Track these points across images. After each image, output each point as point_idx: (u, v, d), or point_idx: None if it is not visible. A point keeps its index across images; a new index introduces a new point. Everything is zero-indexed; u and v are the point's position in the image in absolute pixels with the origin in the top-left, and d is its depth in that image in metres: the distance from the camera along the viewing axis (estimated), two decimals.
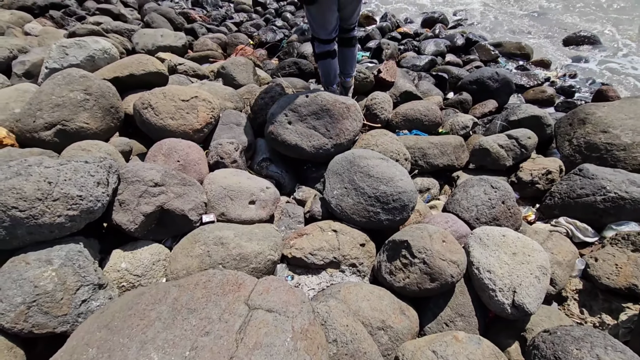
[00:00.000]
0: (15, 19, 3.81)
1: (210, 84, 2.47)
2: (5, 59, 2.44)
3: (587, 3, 5.77)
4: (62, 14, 4.37)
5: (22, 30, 3.55)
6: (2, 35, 3.13)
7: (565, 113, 3.04)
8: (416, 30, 4.86)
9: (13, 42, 2.78)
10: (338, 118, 1.97)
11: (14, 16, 3.87)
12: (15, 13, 3.96)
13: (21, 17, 3.92)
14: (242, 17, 5.08)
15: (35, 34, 3.41)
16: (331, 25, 2.12)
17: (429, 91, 3.19)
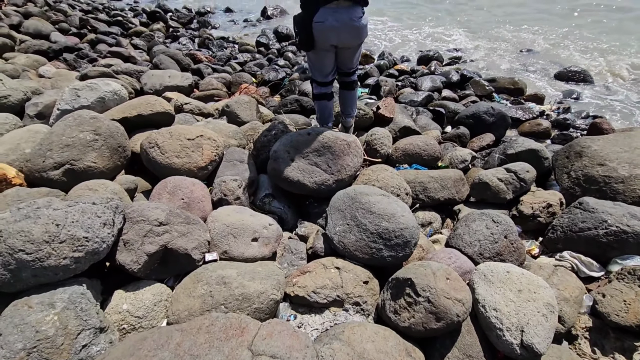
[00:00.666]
0: (30, 62, 4.01)
1: (215, 122, 2.56)
2: (20, 101, 2.55)
3: (576, 40, 6.05)
4: (75, 56, 4.60)
5: (37, 73, 3.73)
6: (18, 78, 3.28)
7: (561, 145, 3.11)
8: (412, 68, 5.06)
9: (27, 85, 2.91)
10: (339, 154, 2.02)
11: (30, 59, 4.08)
12: (31, 57, 4.18)
13: (36, 60, 4.13)
14: (246, 57, 5.32)
15: (49, 76, 3.57)
16: (328, 69, 2.24)
17: (427, 126, 3.28)
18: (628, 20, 6.71)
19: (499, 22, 7.27)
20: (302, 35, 2.00)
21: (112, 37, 5.66)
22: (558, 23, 6.96)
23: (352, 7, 1.91)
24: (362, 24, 1.98)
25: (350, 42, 2.08)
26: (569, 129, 3.56)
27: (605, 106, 3.97)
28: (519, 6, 8.04)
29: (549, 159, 2.47)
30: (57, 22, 5.98)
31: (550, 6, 8.06)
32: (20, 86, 2.72)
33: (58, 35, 5.38)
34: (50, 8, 6.98)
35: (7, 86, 2.54)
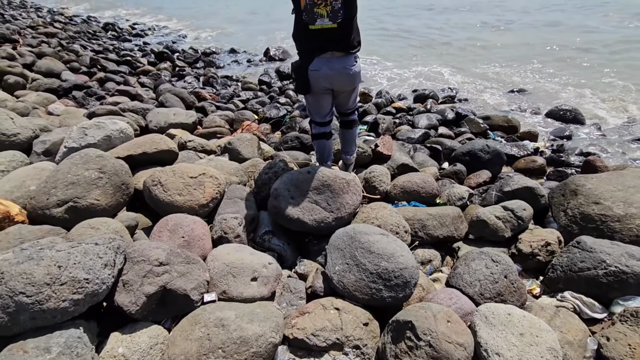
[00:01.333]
0: (40, 100, 4.16)
1: (217, 159, 2.62)
2: (28, 139, 2.62)
3: (564, 79, 6.32)
4: (84, 94, 4.78)
5: (46, 110, 3.86)
6: (28, 116, 3.39)
7: (557, 182, 3.17)
8: (409, 106, 5.25)
9: (37, 122, 3.01)
10: (339, 193, 2.06)
11: (40, 97, 4.23)
12: (41, 94, 4.34)
13: (46, 98, 4.29)
14: (249, 95, 5.53)
15: (58, 113, 3.70)
16: (325, 110, 2.34)
17: (425, 162, 3.35)
18: (617, 60, 7.06)
19: (486, 61, 7.70)
20: (299, 81, 2.13)
21: (121, 76, 5.91)
22: (544, 62, 7.35)
23: (345, 56, 2.04)
24: (355, 71, 2.11)
25: (344, 87, 2.20)
26: (564, 165, 3.63)
27: (597, 144, 4.07)
28: (504, 47, 8.52)
29: (545, 197, 2.51)
30: (69, 62, 6.27)
31: (534, 45, 8.54)
32: (30, 124, 2.81)
33: (69, 74, 5.62)
34: (63, 48, 7.34)
35: (17, 124, 2.62)
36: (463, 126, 4.44)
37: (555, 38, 8.71)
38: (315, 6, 1.86)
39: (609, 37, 8.68)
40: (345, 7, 1.87)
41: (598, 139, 4.25)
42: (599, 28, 9.48)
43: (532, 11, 11.61)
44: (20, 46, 6.86)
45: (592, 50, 7.89)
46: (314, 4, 1.85)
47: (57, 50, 6.96)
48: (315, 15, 1.88)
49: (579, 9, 11.86)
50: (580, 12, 11.43)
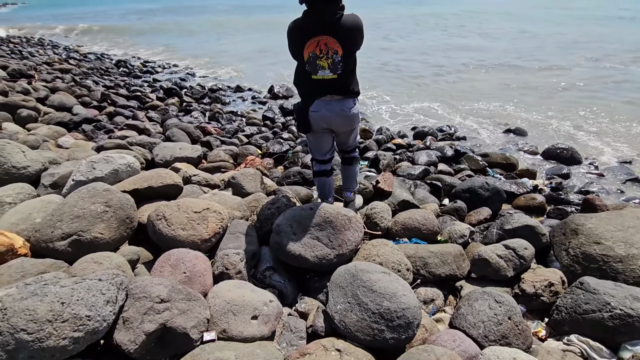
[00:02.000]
0: (51, 133, 4.29)
1: (221, 194, 2.66)
2: (37, 172, 2.68)
3: (559, 118, 6.52)
4: (93, 127, 4.93)
5: (56, 143, 3.97)
6: (38, 149, 3.49)
7: (558, 220, 3.18)
8: (409, 142, 5.37)
9: (46, 155, 3.09)
10: (340, 229, 2.08)
11: (51, 130, 4.37)
12: (52, 127, 4.48)
13: (57, 131, 4.42)
14: (253, 130, 5.68)
15: (67, 146, 3.80)
16: (326, 149, 2.43)
17: (425, 199, 3.39)
18: (612, 99, 7.33)
19: (480, 98, 8.02)
20: (300, 121, 2.24)
21: (130, 110, 6.11)
22: (538, 100, 7.67)
23: (343, 99, 2.15)
24: (353, 113, 2.21)
25: (342, 128, 2.30)
26: (563, 204, 3.65)
27: (595, 182, 4.13)
28: (498, 86, 8.92)
29: (546, 235, 2.52)
30: (81, 96, 6.51)
31: (529, 82, 8.93)
32: (40, 157, 2.89)
33: (80, 108, 5.82)
34: (76, 84, 7.65)
35: (28, 157, 2.70)
36: (462, 163, 4.52)
37: (540, 78, 9.13)
38: (317, 59, 1.99)
39: (587, 76, 9.20)
40: (345, 61, 2.01)
41: (595, 177, 4.31)
42: (574, 69, 10.12)
43: (524, 54, 12.22)
44: (36, 81, 7.16)
45: (572, 88, 8.34)
46: (317, 57, 1.99)
47: (71, 85, 7.26)
48: (317, 67, 2.02)
49: (554, 50, 12.59)
50: (556, 53, 12.16)
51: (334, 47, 1.96)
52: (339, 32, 1.95)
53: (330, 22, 1.93)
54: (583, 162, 4.68)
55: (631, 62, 10.46)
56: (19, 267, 1.67)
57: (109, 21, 26.74)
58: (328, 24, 1.94)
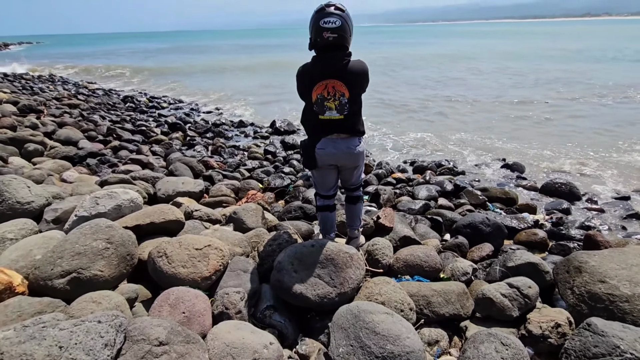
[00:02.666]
0: (56, 167, 4.36)
1: (222, 229, 2.67)
2: (41, 207, 2.70)
3: (555, 151, 6.64)
4: (97, 161, 5.01)
5: (60, 177, 4.02)
6: (42, 183, 3.53)
7: (561, 256, 3.15)
8: (408, 176, 5.44)
9: (50, 190, 3.12)
10: (342, 267, 2.06)
11: (56, 164, 4.44)
12: (57, 162, 4.56)
13: (62, 165, 4.50)
14: (255, 164, 5.77)
15: (71, 180, 3.85)
16: (330, 185, 2.47)
17: (426, 234, 3.38)
18: (607, 133, 7.52)
19: (475, 130, 8.26)
20: (306, 158, 2.29)
21: (134, 145, 6.24)
22: (533, 132, 7.90)
23: (349, 138, 2.23)
24: (359, 151, 2.27)
25: (347, 165, 2.35)
26: (565, 239, 3.64)
27: (595, 217, 4.13)
28: (487, 119, 9.21)
29: (549, 273, 2.49)
30: (87, 131, 6.68)
31: (525, 114, 9.22)
32: (44, 192, 2.92)
33: (86, 142, 5.96)
34: (83, 118, 7.87)
35: (32, 193, 2.73)
36: (462, 197, 4.55)
37: (531, 111, 9.43)
38: (325, 100, 2.09)
39: (565, 111, 9.64)
40: (351, 103, 2.11)
41: (595, 213, 4.32)
42: (551, 102, 10.69)
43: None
44: (44, 116, 7.38)
45: (550, 121, 8.69)
46: (324, 99, 2.09)
47: (78, 120, 7.46)
48: (325, 108, 2.11)
49: (533, 86, 13.16)
50: (533, 89, 12.73)
51: (341, 90, 2.06)
52: (346, 76, 2.05)
53: (338, 67, 2.05)
54: (582, 197, 4.71)
55: (608, 97, 10.98)
56: (16, 307, 1.65)
57: (118, 60, 27.89)
58: (336, 69, 2.05)
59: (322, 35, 1.97)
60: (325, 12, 1.95)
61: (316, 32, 1.99)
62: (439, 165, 5.97)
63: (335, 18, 1.94)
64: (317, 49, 2.07)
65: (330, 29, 1.95)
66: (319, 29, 1.97)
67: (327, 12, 1.95)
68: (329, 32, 1.95)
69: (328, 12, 1.95)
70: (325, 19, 1.94)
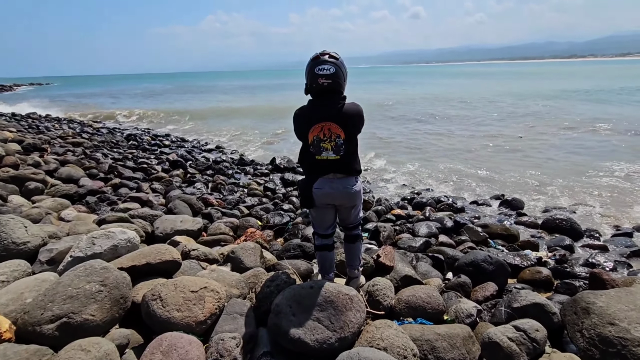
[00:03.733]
0: (55, 205, 4.35)
1: (219, 270, 2.61)
2: (36, 247, 2.67)
3: (551, 185, 6.68)
4: (97, 199, 5.01)
5: (58, 216, 4.00)
6: (40, 222, 3.51)
7: (567, 296, 3.06)
8: (408, 213, 5.41)
9: (47, 229, 3.10)
10: (342, 310, 2.00)
11: (55, 203, 4.44)
12: (57, 200, 4.56)
13: (61, 203, 4.49)
14: (254, 201, 5.77)
15: (69, 219, 3.83)
16: (328, 223, 2.46)
17: (428, 273, 3.30)
18: (585, 170, 7.61)
19: (470, 166, 8.42)
20: (304, 197, 2.31)
21: (135, 182, 6.28)
22: (526, 167, 8.03)
23: (346, 177, 2.26)
24: (356, 190, 2.29)
25: (345, 204, 2.37)
26: (570, 277, 3.55)
27: (599, 254, 4.06)
28: (483, 153, 9.41)
29: (557, 314, 2.41)
30: (89, 169, 6.75)
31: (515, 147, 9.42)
32: (41, 231, 2.90)
33: (86, 180, 5.99)
34: (86, 156, 7.99)
35: (29, 233, 2.71)
36: (463, 234, 4.50)
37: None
38: (321, 142, 2.15)
39: (546, 143, 10.07)
40: (347, 144, 2.17)
41: (598, 250, 4.25)
42: (526, 136, 11.25)
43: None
44: (48, 154, 7.49)
45: (540, 155, 8.92)
46: (321, 140, 2.15)
47: (81, 158, 7.57)
48: (321, 149, 2.16)
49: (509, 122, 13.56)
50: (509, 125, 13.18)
51: (337, 131, 2.12)
52: (342, 118, 2.12)
53: (333, 110, 2.12)
54: (583, 233, 4.66)
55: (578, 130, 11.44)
56: (2, 356, 1.58)
57: (124, 104, 28.77)
58: (331, 112, 2.12)
59: (318, 81, 2.07)
60: (320, 60, 2.06)
61: (312, 78, 2.09)
62: (438, 201, 5.98)
63: (329, 65, 2.05)
64: (313, 93, 2.16)
65: (325, 75, 2.05)
66: (314, 75, 2.07)
67: (322, 60, 2.06)
68: (324, 79, 2.05)
69: (323, 60, 2.06)
70: (320, 66, 2.04)
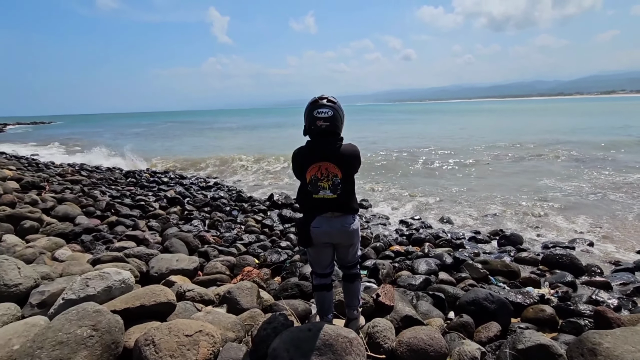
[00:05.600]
0: (49, 245, 4.29)
1: (215, 312, 2.55)
2: (28, 289, 2.61)
3: (548, 217, 6.69)
4: (92, 237, 4.95)
5: (52, 256, 3.93)
6: (33, 262, 3.45)
7: (573, 335, 2.98)
8: (407, 249, 5.36)
9: (40, 270, 3.04)
10: (341, 354, 1.93)
11: (50, 242, 4.37)
12: (51, 239, 4.50)
13: (55, 242, 4.42)
14: (251, 238, 5.71)
15: (63, 259, 3.77)
16: (326, 263, 2.45)
17: (429, 312, 3.22)
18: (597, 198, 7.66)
19: (462, 200, 8.49)
20: (302, 236, 2.32)
21: (131, 220, 6.23)
22: (523, 199, 8.05)
23: (343, 216, 2.29)
24: (353, 229, 2.31)
25: (342, 242, 2.37)
26: (574, 315, 3.47)
27: (601, 291, 3.99)
28: (478, 181, 9.49)
29: (563, 356, 2.33)
30: (86, 206, 6.72)
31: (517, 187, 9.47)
32: (34, 273, 2.84)
33: (83, 218, 5.95)
34: (84, 194, 7.98)
35: (22, 274, 2.66)
36: (463, 271, 4.44)
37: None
38: (319, 181, 2.20)
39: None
40: (344, 183, 2.22)
41: (601, 286, 4.19)
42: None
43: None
44: (46, 192, 7.49)
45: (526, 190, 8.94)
46: (318, 179, 2.20)
47: (78, 195, 7.55)
48: (319, 188, 2.21)
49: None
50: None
51: (334, 171, 2.18)
52: (339, 159, 2.19)
53: (331, 151, 2.19)
54: (584, 269, 4.61)
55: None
56: None
57: (125, 140, 29.26)
58: (329, 153, 2.19)
59: (316, 123, 2.16)
60: (319, 104, 2.17)
61: (310, 120, 2.18)
62: (436, 237, 5.94)
63: (327, 109, 2.15)
64: (312, 134, 2.24)
65: (323, 118, 2.14)
66: (313, 118, 2.16)
67: (321, 103, 2.16)
68: (322, 121, 2.14)
69: (321, 103, 2.16)
70: (319, 109, 2.14)
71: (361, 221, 7.04)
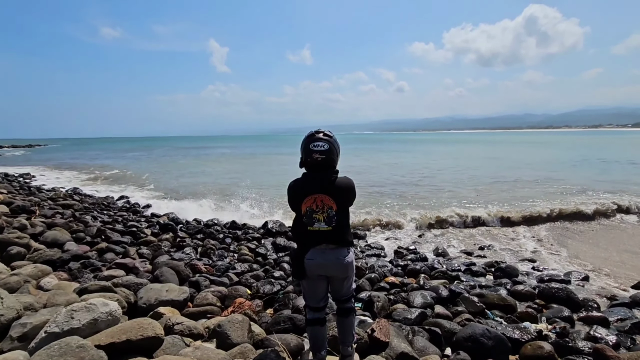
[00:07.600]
0: (35, 272, 4.16)
1: (204, 347, 2.45)
2: (10, 321, 2.51)
3: (544, 247, 6.68)
4: (80, 265, 4.82)
5: (37, 284, 3.81)
6: (17, 291, 3.33)
7: None
8: (402, 280, 5.28)
9: (23, 300, 2.94)
10: None
11: (36, 269, 4.25)
12: (38, 266, 4.37)
13: (41, 270, 4.30)
14: (244, 267, 5.60)
15: (49, 288, 3.65)
16: (320, 296, 2.41)
17: (425, 349, 3.13)
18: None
19: (457, 231, 8.45)
20: (296, 268, 2.31)
21: (122, 246, 6.11)
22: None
23: (338, 248, 2.28)
24: (348, 262, 2.30)
25: (337, 275, 2.35)
26: (573, 353, 3.38)
27: (599, 327, 3.93)
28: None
29: None
30: (76, 232, 6.60)
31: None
32: (17, 303, 2.75)
33: (72, 244, 5.83)
34: (75, 219, 7.85)
35: (4, 305, 2.57)
36: (459, 304, 4.36)
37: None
38: (314, 213, 2.21)
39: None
40: (339, 215, 2.24)
41: (598, 323, 4.12)
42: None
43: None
44: (35, 217, 7.36)
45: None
46: (313, 211, 2.21)
47: (69, 220, 7.43)
48: (313, 220, 2.22)
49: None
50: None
51: (329, 203, 2.20)
52: (334, 191, 2.22)
53: (326, 184, 2.22)
54: (580, 303, 4.56)
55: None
56: None
57: (120, 162, 29.18)
58: (324, 186, 2.22)
59: (312, 156, 2.20)
60: (315, 137, 2.22)
61: (306, 153, 2.22)
62: (432, 268, 5.88)
63: (323, 142, 2.20)
64: (308, 167, 2.27)
65: (319, 151, 2.19)
66: (309, 151, 2.20)
67: (317, 137, 2.22)
68: (318, 154, 2.19)
69: (317, 137, 2.22)
70: (315, 143, 2.19)
71: (356, 251, 6.97)
